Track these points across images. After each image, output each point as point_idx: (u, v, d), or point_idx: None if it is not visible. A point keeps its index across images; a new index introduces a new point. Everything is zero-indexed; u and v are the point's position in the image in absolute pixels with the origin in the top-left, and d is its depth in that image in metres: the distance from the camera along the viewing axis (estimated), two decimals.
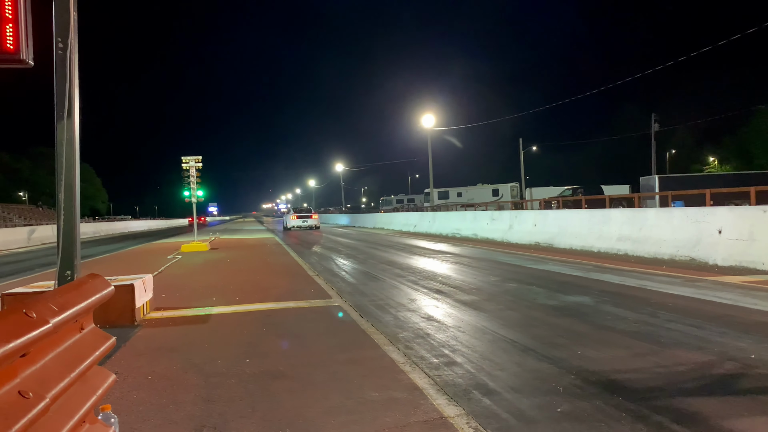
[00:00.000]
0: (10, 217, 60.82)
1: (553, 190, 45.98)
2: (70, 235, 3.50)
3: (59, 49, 3.52)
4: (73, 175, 3.55)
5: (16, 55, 3.22)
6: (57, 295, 2.60)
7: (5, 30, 3.19)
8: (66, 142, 3.49)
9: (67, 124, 3.51)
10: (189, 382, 4.71)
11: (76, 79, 3.55)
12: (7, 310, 2.21)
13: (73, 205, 3.53)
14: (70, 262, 3.55)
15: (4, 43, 3.19)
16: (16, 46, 3.22)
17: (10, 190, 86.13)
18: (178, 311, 8.08)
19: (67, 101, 3.47)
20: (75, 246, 3.54)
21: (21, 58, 3.23)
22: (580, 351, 5.36)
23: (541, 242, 17.89)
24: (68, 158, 3.50)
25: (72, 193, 3.53)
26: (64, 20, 3.51)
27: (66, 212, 3.48)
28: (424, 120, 42.89)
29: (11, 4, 3.20)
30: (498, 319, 6.91)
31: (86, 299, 2.80)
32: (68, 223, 3.50)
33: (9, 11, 3.19)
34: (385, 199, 79.16)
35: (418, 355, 5.46)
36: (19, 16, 3.21)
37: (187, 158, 20.38)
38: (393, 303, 8.33)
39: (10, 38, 3.20)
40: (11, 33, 3.20)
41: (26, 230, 34.37)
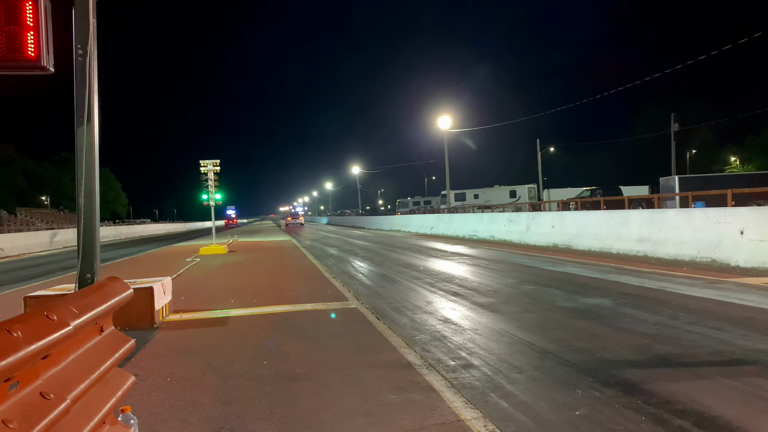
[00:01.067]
0: (33, 221, 61.86)
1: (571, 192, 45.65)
2: (90, 238, 3.55)
3: (79, 56, 3.57)
4: (93, 180, 3.61)
5: (37, 62, 3.28)
6: (77, 298, 2.64)
7: (26, 37, 3.25)
8: (86, 147, 3.54)
9: (86, 129, 3.56)
10: (207, 384, 4.75)
11: (96, 85, 3.60)
12: (28, 313, 2.25)
13: (92, 209, 3.58)
14: (91, 265, 3.60)
15: (25, 51, 3.25)
16: (37, 53, 3.28)
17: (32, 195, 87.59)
18: (197, 314, 8.16)
19: (87, 107, 3.53)
20: (95, 249, 3.59)
21: (42, 65, 3.29)
22: (599, 354, 5.31)
23: (559, 244, 17.75)
24: (88, 163, 3.55)
25: (92, 198, 3.59)
26: (83, 27, 3.57)
27: (86, 216, 3.53)
28: (441, 122, 42.82)
29: (32, 12, 3.26)
30: (515, 322, 6.87)
31: (106, 302, 2.83)
32: (88, 226, 3.55)
33: (30, 19, 3.25)
34: (401, 201, 79.16)
35: (435, 357, 5.45)
36: (40, 23, 3.28)
37: (206, 162, 20.58)
38: (410, 305, 8.32)
39: (32, 45, 3.26)
40: (32, 40, 3.26)
41: (48, 234, 34.91)
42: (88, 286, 3.30)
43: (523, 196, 53.03)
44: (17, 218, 61.20)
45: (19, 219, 60.99)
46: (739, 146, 67.39)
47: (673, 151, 49.92)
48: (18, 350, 1.86)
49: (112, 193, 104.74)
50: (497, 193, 54.42)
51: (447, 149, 42.47)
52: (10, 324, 1.97)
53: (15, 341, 1.89)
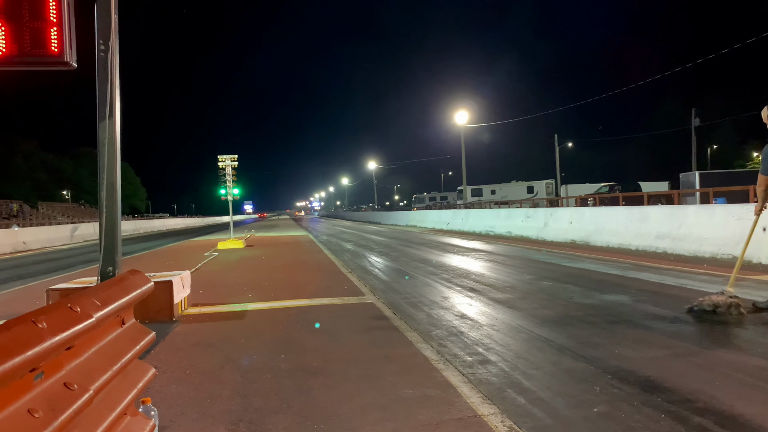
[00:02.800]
0: (54, 215, 62.83)
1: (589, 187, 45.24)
2: (112, 232, 3.60)
3: (101, 51, 3.62)
4: (115, 174, 3.66)
5: (60, 58, 3.33)
6: (100, 291, 2.68)
7: (50, 33, 3.30)
8: (107, 141, 3.59)
9: (108, 124, 3.61)
10: (226, 377, 4.80)
11: (117, 81, 3.65)
12: (53, 305, 2.29)
13: (114, 203, 3.63)
14: (112, 259, 3.66)
15: (48, 46, 3.30)
16: (60, 48, 3.33)
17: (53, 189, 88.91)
18: (215, 307, 8.23)
19: (109, 102, 3.58)
20: (116, 243, 3.65)
21: (65, 61, 3.34)
22: (617, 350, 5.26)
23: (577, 240, 17.61)
24: (109, 158, 3.60)
25: (113, 192, 3.64)
26: (105, 23, 3.62)
27: (108, 210, 3.58)
28: (458, 117, 42.70)
29: (55, 8, 3.31)
30: (533, 318, 6.83)
31: (127, 294, 2.87)
32: (110, 220, 3.61)
33: (53, 14, 3.30)
34: (417, 196, 79.05)
35: (452, 353, 5.44)
36: (63, 19, 3.32)
37: (223, 157, 20.74)
38: (426, 301, 8.32)
39: (55, 41, 3.31)
40: (56, 36, 3.31)
41: (69, 228, 35.44)
42: (110, 279, 3.34)
43: (540, 191, 52.67)
44: (39, 212, 62.20)
45: (41, 213, 61.98)
46: (762, 141, 66.12)
47: (694, 147, 49.24)
48: (43, 341, 1.90)
49: (131, 188, 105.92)
50: (514, 189, 54.09)
51: (464, 144, 42.34)
52: (36, 315, 2.00)
53: (40, 332, 1.93)
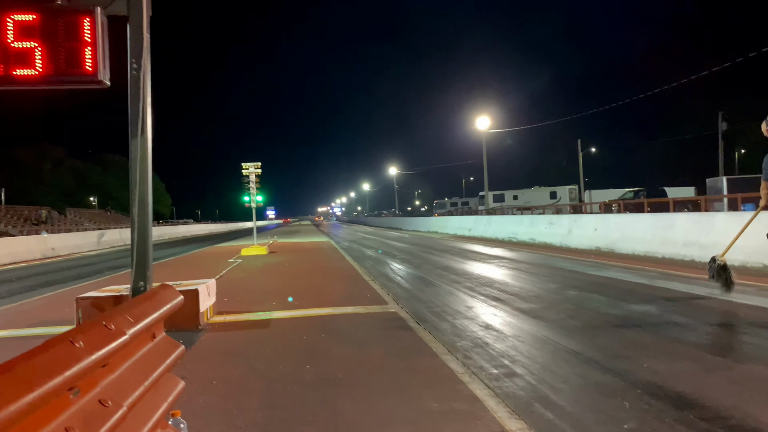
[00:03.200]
0: (81, 221, 64.03)
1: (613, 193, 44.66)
2: (143, 247, 3.67)
3: (133, 70, 3.69)
4: (146, 190, 3.72)
5: (94, 77, 3.40)
6: (132, 306, 2.72)
7: (84, 53, 3.38)
8: (139, 158, 3.66)
9: (140, 141, 3.68)
10: (252, 388, 4.83)
11: (149, 98, 3.71)
12: (88, 324, 2.33)
13: (146, 218, 3.70)
14: (143, 273, 3.72)
15: (83, 66, 3.38)
16: (95, 68, 3.40)
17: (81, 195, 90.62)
18: (240, 315, 8.30)
19: (141, 120, 3.64)
20: (147, 257, 3.71)
21: (99, 79, 3.41)
22: (647, 364, 5.18)
23: (601, 247, 17.39)
24: (141, 174, 3.66)
25: (145, 207, 3.70)
26: (137, 42, 3.69)
27: (139, 225, 3.65)
28: (479, 122, 42.54)
29: (90, 29, 3.38)
30: (559, 329, 6.76)
31: (158, 309, 2.92)
32: (141, 235, 3.67)
33: (88, 35, 3.38)
34: (439, 202, 78.93)
35: (478, 365, 5.40)
36: (97, 39, 3.40)
37: (247, 164, 20.92)
38: (450, 310, 8.28)
39: (89, 61, 3.38)
40: (90, 56, 3.38)
41: (96, 234, 36.08)
42: (142, 294, 3.39)
43: (563, 197, 52.15)
44: (67, 218, 63.46)
45: (69, 219, 63.22)
46: None
47: (721, 151, 48.31)
48: (80, 360, 1.93)
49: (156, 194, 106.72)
50: (537, 194, 53.66)
51: (485, 150, 42.16)
52: (73, 335, 2.04)
53: (77, 351, 1.96)
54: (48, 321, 8.46)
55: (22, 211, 57.46)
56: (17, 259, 24.31)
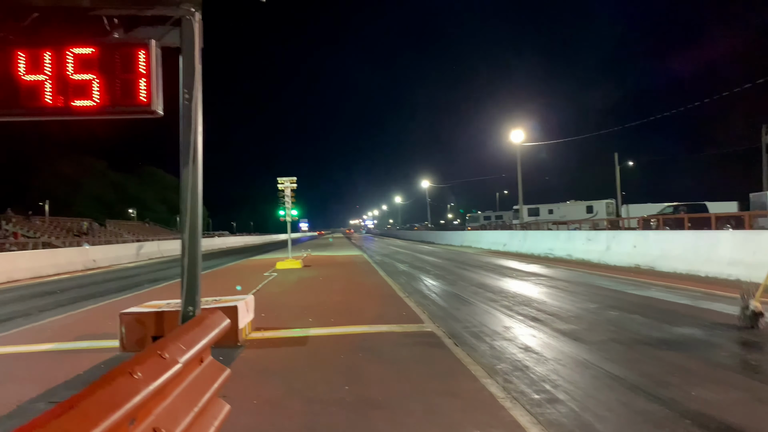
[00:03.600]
0: (120, 232, 65.66)
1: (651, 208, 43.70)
2: (193, 273, 3.75)
3: (185, 100, 3.80)
4: (196, 217, 3.81)
5: (148, 107, 3.52)
6: (183, 333, 2.78)
7: (139, 84, 3.50)
8: (191, 187, 3.75)
9: (191, 170, 3.77)
10: (292, 408, 4.85)
11: (200, 127, 3.81)
12: (145, 353, 2.38)
13: (195, 245, 3.78)
14: (193, 299, 3.79)
15: (138, 96, 3.50)
16: (149, 98, 3.52)
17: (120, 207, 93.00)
18: (277, 332, 8.36)
19: (192, 149, 3.74)
20: (196, 283, 3.79)
21: (153, 110, 3.53)
22: (694, 392, 5.03)
23: (641, 265, 17.01)
24: (192, 202, 3.75)
25: (195, 234, 3.79)
26: (189, 73, 3.80)
27: (189, 252, 3.73)
28: (514, 135, 42.23)
29: (145, 61, 3.50)
30: (600, 352, 6.62)
31: (207, 335, 2.96)
32: (191, 262, 3.75)
33: (143, 67, 3.50)
34: (471, 215, 78.42)
35: (518, 389, 5.33)
36: (152, 71, 3.51)
37: (283, 179, 21.19)
38: (487, 330, 8.20)
39: (144, 91, 3.50)
40: (145, 87, 3.50)
41: (135, 246, 36.92)
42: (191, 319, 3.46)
43: (600, 211, 51.19)
44: (107, 230, 65.15)
45: (109, 230, 64.90)
46: None
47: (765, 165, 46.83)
48: (139, 392, 1.98)
49: None
50: (573, 209, 52.80)
51: (520, 163, 41.80)
52: (132, 366, 2.09)
53: (136, 383, 2.01)
54: (92, 335, 8.67)
55: (65, 223, 59.25)
56: (60, 270, 25.03)
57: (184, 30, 3.80)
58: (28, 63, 3.61)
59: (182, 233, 3.77)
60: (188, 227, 3.76)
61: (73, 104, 3.59)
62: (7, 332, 9.42)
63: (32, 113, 3.65)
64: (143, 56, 3.56)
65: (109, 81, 3.56)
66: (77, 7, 3.68)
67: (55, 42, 3.64)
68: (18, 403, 5.29)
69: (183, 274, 3.75)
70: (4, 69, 3.59)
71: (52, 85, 3.60)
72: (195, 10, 3.77)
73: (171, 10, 3.77)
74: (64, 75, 3.61)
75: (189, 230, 3.76)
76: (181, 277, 3.77)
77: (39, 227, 52.05)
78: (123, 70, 3.56)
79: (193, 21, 3.78)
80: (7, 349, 7.89)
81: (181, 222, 3.79)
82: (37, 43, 3.64)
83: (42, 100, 3.61)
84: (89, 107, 3.60)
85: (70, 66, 3.61)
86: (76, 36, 3.67)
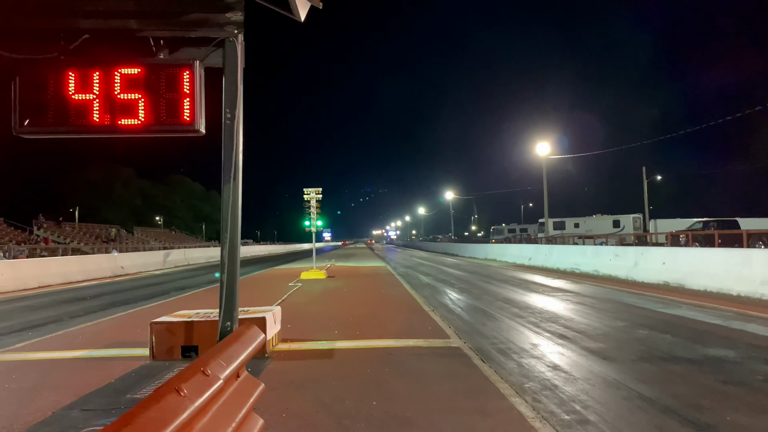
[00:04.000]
0: (147, 239, 66.68)
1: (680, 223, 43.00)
2: (231, 288, 3.81)
3: (227, 119, 3.89)
4: (236, 233, 3.88)
5: (191, 126, 3.61)
6: (222, 349, 2.83)
7: (183, 104, 3.60)
8: (231, 203, 3.83)
9: (232, 186, 3.86)
10: (321, 423, 4.87)
11: (241, 145, 3.90)
12: (189, 371, 2.43)
13: (234, 261, 3.85)
14: (230, 314, 3.86)
15: (181, 116, 3.59)
16: (192, 117, 3.61)
17: (147, 215, 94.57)
18: (304, 344, 8.41)
19: (233, 166, 3.83)
20: (235, 299, 3.85)
21: (195, 128, 3.62)
22: (729, 417, 4.93)
23: (670, 282, 16.72)
24: (233, 217, 3.83)
25: (234, 251, 3.86)
26: (232, 93, 3.89)
27: (228, 268, 3.80)
28: (539, 148, 41.94)
29: (189, 81, 3.60)
30: (631, 372, 6.52)
31: (245, 350, 3.01)
32: (230, 278, 3.82)
33: (187, 87, 3.60)
34: (496, 228, 77.90)
35: (548, 409, 5.28)
36: (195, 90, 3.61)
37: (309, 190, 21.37)
38: (515, 347, 8.14)
39: (188, 111, 3.59)
40: (188, 106, 3.60)
41: (162, 254, 37.48)
42: (230, 335, 3.52)
43: (627, 226, 50.46)
44: (134, 236, 66.22)
45: (136, 237, 65.96)
46: None
47: None
48: (186, 409, 2.03)
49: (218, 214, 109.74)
50: (599, 223, 52.12)
51: (546, 176, 41.48)
52: (177, 383, 2.14)
53: (183, 401, 2.06)
54: (122, 342, 8.82)
55: (93, 229, 60.40)
56: (89, 276, 25.52)
57: (227, 51, 3.90)
58: (78, 83, 3.75)
59: (222, 249, 3.85)
60: (228, 243, 3.83)
61: (119, 123, 3.71)
62: (41, 338, 9.64)
63: (80, 131, 3.77)
64: (187, 76, 3.67)
65: (154, 100, 3.67)
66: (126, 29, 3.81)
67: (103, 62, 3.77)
68: (53, 410, 5.41)
69: (222, 289, 3.82)
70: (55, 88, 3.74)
71: (99, 104, 3.73)
72: (238, 32, 3.87)
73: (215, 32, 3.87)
74: (112, 94, 3.73)
75: (229, 246, 3.83)
76: (220, 292, 3.84)
77: (69, 233, 53.15)
78: (167, 89, 3.66)
79: (236, 42, 3.88)
80: (42, 354, 8.08)
81: (222, 237, 3.87)
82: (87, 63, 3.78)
83: (90, 119, 3.74)
84: (134, 126, 3.71)
85: (117, 85, 3.73)
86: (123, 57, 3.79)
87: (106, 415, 5.13)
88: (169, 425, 1.84)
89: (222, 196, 3.87)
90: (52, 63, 3.76)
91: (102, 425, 4.67)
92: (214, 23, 3.87)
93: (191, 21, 3.80)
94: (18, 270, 21.55)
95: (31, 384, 6.43)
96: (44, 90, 3.71)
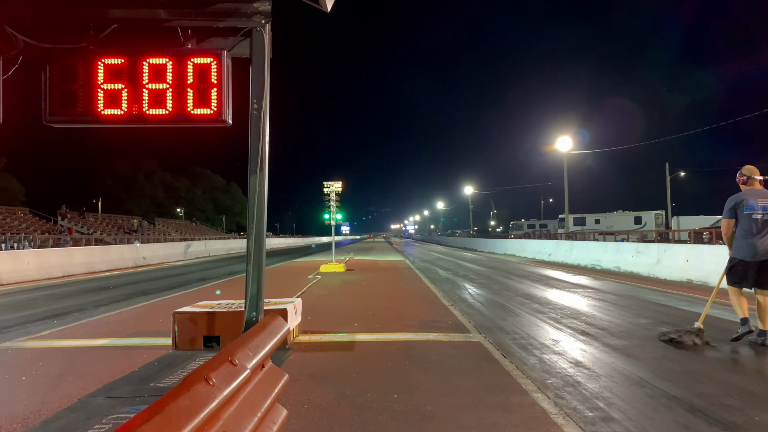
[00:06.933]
0: (169, 231, 67.46)
1: (703, 220, 42.37)
2: (257, 280, 3.83)
3: (254, 110, 3.89)
4: (262, 224, 3.89)
5: (218, 117, 3.62)
6: (249, 339, 2.83)
7: (210, 94, 3.61)
8: (257, 193, 3.84)
9: (259, 177, 3.86)
10: (343, 415, 4.88)
11: (267, 136, 3.90)
12: (216, 360, 2.44)
13: (260, 252, 3.86)
14: (255, 305, 3.87)
15: (209, 106, 3.60)
16: (219, 108, 3.62)
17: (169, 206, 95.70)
18: (324, 336, 8.44)
19: (260, 157, 3.83)
20: (260, 290, 3.86)
21: (222, 119, 3.63)
22: (758, 417, 4.83)
23: (693, 280, 16.45)
24: (259, 208, 3.84)
25: (260, 241, 3.87)
26: (259, 83, 3.89)
27: (254, 258, 3.81)
28: (560, 143, 41.56)
29: (216, 71, 3.61)
30: (655, 370, 6.43)
31: (271, 341, 3.01)
32: (256, 269, 3.83)
33: (215, 77, 3.60)
34: (515, 223, 77.44)
35: (571, 406, 5.22)
36: (223, 80, 3.61)
37: (329, 183, 21.43)
38: (536, 343, 8.07)
39: (215, 101, 3.60)
40: (216, 96, 3.60)
41: (183, 245, 37.91)
42: (255, 325, 3.53)
43: (649, 222, 49.79)
44: (156, 228, 67.06)
45: (157, 229, 66.78)
46: None
47: None
48: (215, 398, 2.03)
49: (238, 206, 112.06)
50: (620, 219, 51.50)
51: (566, 171, 41.10)
52: (206, 372, 2.15)
53: (212, 390, 2.06)
54: (144, 331, 8.93)
55: (116, 220, 61.29)
56: (112, 266, 25.91)
57: (255, 41, 3.90)
58: (107, 72, 3.78)
59: (248, 239, 3.86)
60: (254, 235, 3.84)
61: (146, 112, 3.73)
62: (66, 326, 9.80)
63: (108, 120, 3.80)
64: (215, 66, 3.67)
65: (182, 90, 3.68)
66: (154, 19, 3.82)
67: (131, 52, 3.80)
68: (78, 396, 5.50)
69: (248, 279, 3.83)
70: (84, 78, 3.77)
71: (128, 94, 3.76)
72: (265, 22, 3.86)
73: (242, 22, 3.87)
74: (139, 84, 3.76)
75: (255, 237, 3.84)
76: (246, 282, 3.86)
77: (92, 224, 53.98)
78: (195, 79, 3.67)
79: (263, 32, 3.88)
80: (68, 342, 8.22)
81: (248, 228, 3.88)
82: (116, 53, 3.81)
83: (118, 108, 3.77)
84: (162, 116, 3.73)
85: (146, 75, 3.75)
86: (151, 46, 3.82)
87: (131, 403, 5.20)
88: (199, 414, 1.84)
89: (248, 186, 3.88)
90: (81, 53, 3.79)
91: (127, 412, 4.73)
92: (242, 13, 3.87)
93: (219, 11, 3.80)
94: (43, 259, 21.95)
95: (57, 371, 6.54)
96: (73, 79, 3.76)
